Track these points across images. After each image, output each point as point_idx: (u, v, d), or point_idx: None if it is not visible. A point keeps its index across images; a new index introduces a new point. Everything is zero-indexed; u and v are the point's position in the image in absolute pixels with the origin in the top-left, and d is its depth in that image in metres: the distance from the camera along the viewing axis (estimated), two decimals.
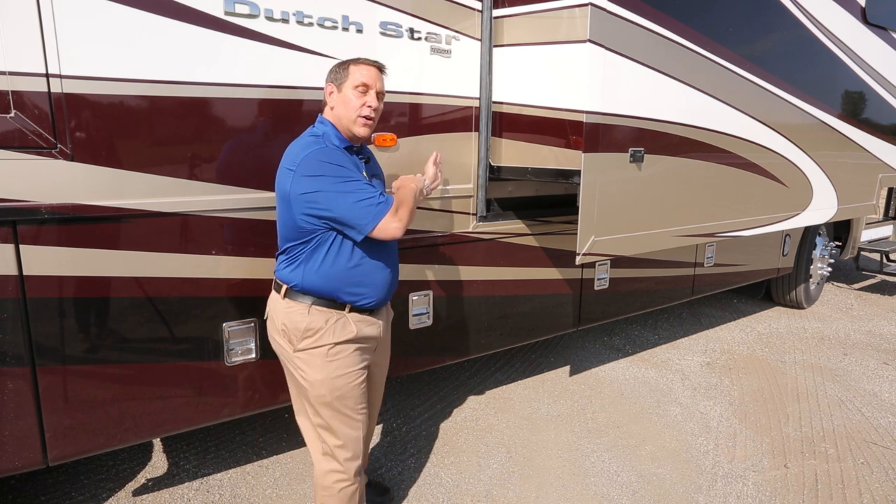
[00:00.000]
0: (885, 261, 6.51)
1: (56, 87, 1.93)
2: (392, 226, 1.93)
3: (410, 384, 3.95)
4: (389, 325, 2.33)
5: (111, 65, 2.02)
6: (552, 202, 3.47)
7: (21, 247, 1.97)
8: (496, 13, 2.91)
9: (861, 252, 6.52)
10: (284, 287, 2.04)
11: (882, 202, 6.66)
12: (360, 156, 2.11)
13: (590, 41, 2.56)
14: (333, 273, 1.99)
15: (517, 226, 3.30)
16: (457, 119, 2.92)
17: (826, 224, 5.91)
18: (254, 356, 2.50)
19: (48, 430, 2.12)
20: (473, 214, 3.08)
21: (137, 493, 2.75)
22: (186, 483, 2.84)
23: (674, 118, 3.07)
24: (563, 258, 3.51)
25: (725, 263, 4.86)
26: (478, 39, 2.91)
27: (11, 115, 1.88)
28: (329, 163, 1.90)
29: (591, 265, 3.76)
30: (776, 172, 3.86)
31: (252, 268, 2.43)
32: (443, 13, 2.76)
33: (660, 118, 3.00)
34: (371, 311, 2.12)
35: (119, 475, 2.86)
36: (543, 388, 3.97)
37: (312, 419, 2.10)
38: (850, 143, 4.53)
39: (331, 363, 2.02)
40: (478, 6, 2.87)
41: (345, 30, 2.47)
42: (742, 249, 4.98)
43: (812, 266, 5.88)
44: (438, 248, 2.99)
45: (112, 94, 2.04)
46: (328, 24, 2.43)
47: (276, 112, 2.38)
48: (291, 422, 2.29)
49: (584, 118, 2.64)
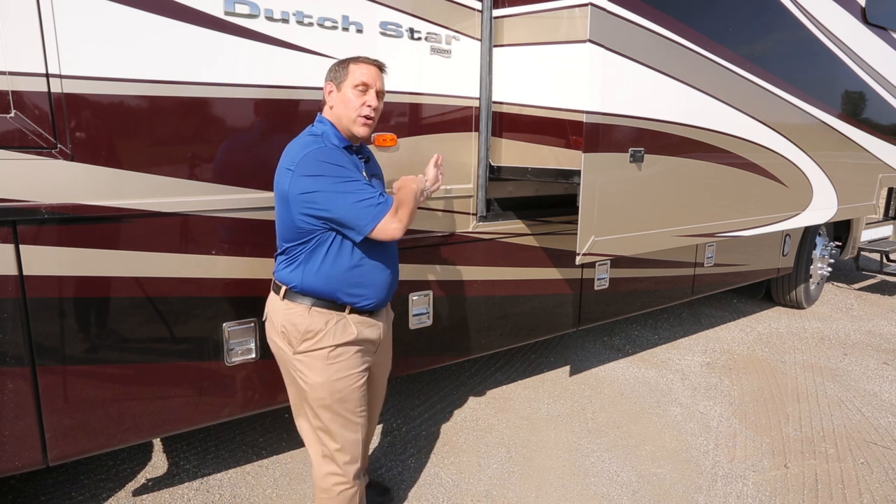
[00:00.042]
0: (885, 261, 6.51)
1: (56, 87, 1.93)
2: (391, 226, 1.91)
3: (410, 384, 3.95)
4: (390, 326, 2.32)
5: (111, 65, 2.02)
6: (552, 202, 3.47)
7: (21, 247, 1.97)
8: (496, 13, 2.91)
9: (861, 252, 6.52)
10: (284, 288, 2.02)
11: (882, 202, 6.66)
12: (360, 155, 2.08)
13: (590, 41, 2.57)
14: (333, 274, 1.97)
15: (517, 226, 3.30)
16: (457, 119, 2.92)
17: (826, 224, 5.91)
18: (254, 356, 2.50)
19: (48, 430, 2.12)
20: (473, 214, 3.08)
21: (137, 493, 2.75)
22: (186, 483, 2.84)
23: (674, 118, 3.08)
24: (563, 258, 3.51)
25: (725, 263, 4.86)
26: (478, 39, 2.91)
27: (11, 115, 1.88)
28: (328, 162, 1.88)
29: (591, 265, 3.76)
30: (776, 172, 3.86)
31: (252, 268, 2.43)
32: (443, 13, 2.76)
33: (660, 118, 3.00)
34: (371, 313, 2.10)
35: (119, 475, 2.86)
36: (543, 388, 3.97)
37: (312, 422, 2.08)
38: (850, 143, 4.54)
39: (331, 366, 2.00)
40: (478, 6, 2.88)
41: (345, 30, 2.47)
42: (742, 249, 4.98)
43: (812, 266, 5.88)
44: (438, 248, 2.99)
45: (112, 94, 2.04)
46: (328, 24, 2.43)
47: (276, 112, 2.38)
48: (291, 422, 2.29)
49: (584, 118, 2.65)
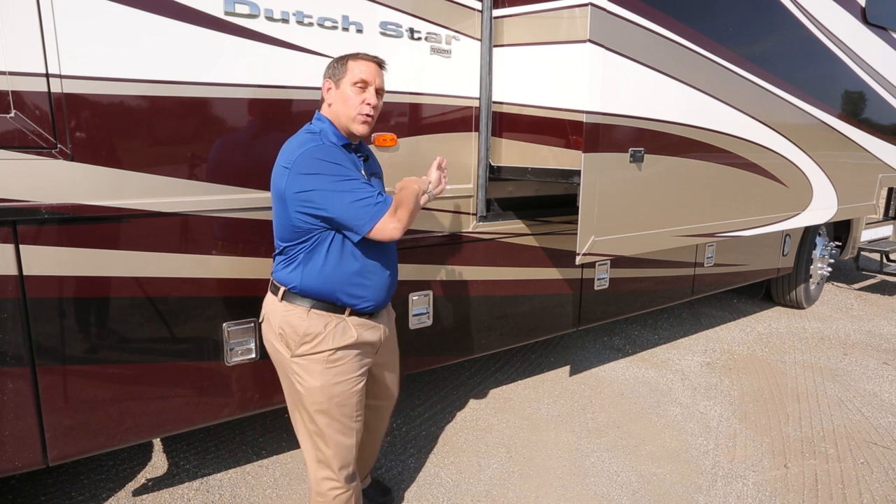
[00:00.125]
0: (885, 261, 6.51)
1: (56, 87, 1.93)
2: (390, 226, 1.87)
3: (410, 384, 3.95)
4: (393, 325, 2.30)
5: (111, 65, 2.01)
6: (552, 202, 3.47)
7: (21, 247, 1.96)
8: (496, 13, 2.91)
9: (861, 252, 6.52)
10: (282, 289, 1.99)
11: (882, 202, 6.66)
12: (359, 153, 2.04)
13: (590, 41, 2.56)
14: (333, 274, 1.94)
15: (517, 226, 3.29)
16: (457, 119, 2.92)
17: (826, 224, 5.91)
18: (254, 356, 2.50)
19: (48, 430, 2.12)
20: (473, 214, 3.08)
21: (137, 493, 2.75)
22: (186, 483, 2.84)
23: (674, 118, 3.08)
24: (563, 258, 3.51)
25: (725, 263, 4.86)
26: (478, 39, 2.91)
27: (11, 115, 1.88)
28: (326, 161, 1.84)
29: (591, 265, 3.76)
30: (776, 172, 3.86)
31: (252, 268, 2.43)
32: (443, 13, 2.76)
33: (660, 118, 3.00)
34: (371, 315, 2.08)
35: (119, 475, 2.86)
36: (543, 388, 3.97)
37: (307, 426, 2.05)
38: (850, 143, 4.54)
39: (330, 370, 1.97)
40: (478, 6, 2.87)
41: (345, 30, 2.47)
42: (742, 249, 4.98)
43: (812, 266, 5.88)
44: (438, 248, 2.99)
45: (112, 94, 2.04)
46: (328, 24, 2.43)
47: (276, 112, 2.38)
48: (291, 422, 2.29)
49: (584, 118, 2.65)
